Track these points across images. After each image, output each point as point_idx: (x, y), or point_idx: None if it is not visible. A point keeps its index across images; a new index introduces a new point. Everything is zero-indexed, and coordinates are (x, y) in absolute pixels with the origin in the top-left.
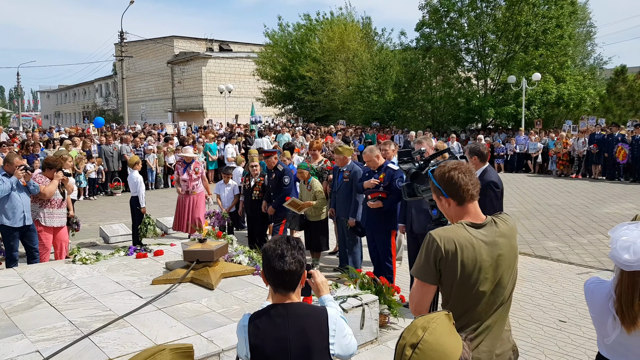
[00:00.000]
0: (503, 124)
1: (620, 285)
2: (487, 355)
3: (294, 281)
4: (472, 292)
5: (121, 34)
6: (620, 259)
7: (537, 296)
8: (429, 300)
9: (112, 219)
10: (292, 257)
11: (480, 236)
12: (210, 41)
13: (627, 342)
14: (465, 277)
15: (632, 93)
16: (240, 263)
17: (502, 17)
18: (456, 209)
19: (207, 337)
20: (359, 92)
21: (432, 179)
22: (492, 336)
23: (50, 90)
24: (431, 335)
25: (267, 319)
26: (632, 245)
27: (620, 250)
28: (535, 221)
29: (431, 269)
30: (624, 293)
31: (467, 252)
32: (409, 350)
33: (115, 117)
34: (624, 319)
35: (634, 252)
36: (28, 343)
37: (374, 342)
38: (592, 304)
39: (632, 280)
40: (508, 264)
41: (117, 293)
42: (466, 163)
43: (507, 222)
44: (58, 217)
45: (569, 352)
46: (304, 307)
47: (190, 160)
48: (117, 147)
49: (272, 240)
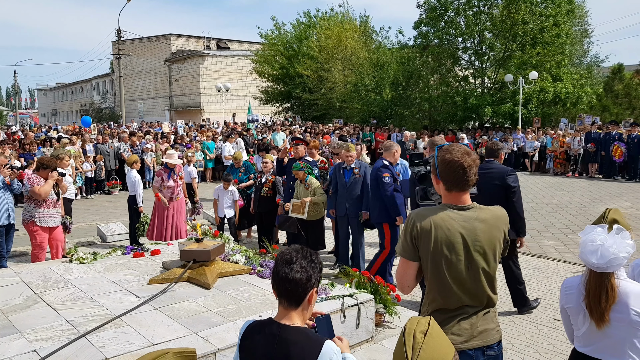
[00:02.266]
0: (500, 122)
1: (589, 283)
2: (468, 332)
3: (298, 293)
4: (446, 271)
5: (118, 32)
6: (588, 262)
7: (532, 295)
8: (411, 275)
9: (110, 218)
10: (300, 266)
11: (458, 218)
12: (207, 39)
13: (597, 335)
14: (437, 255)
15: (628, 91)
16: (237, 262)
17: (500, 16)
18: (444, 192)
19: (203, 336)
20: (356, 91)
21: (435, 153)
22: (475, 317)
23: (48, 89)
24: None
25: (260, 332)
26: (599, 248)
27: (588, 255)
28: (532, 220)
29: (409, 246)
30: (592, 290)
31: (441, 231)
32: (420, 335)
33: (113, 115)
34: (592, 314)
35: (601, 255)
36: (25, 343)
37: (370, 341)
38: (569, 295)
39: (599, 279)
40: (483, 249)
41: (114, 292)
42: (474, 155)
43: (493, 211)
44: (53, 216)
45: (563, 350)
46: (299, 333)
47: (173, 166)
48: (114, 146)
49: (287, 248)
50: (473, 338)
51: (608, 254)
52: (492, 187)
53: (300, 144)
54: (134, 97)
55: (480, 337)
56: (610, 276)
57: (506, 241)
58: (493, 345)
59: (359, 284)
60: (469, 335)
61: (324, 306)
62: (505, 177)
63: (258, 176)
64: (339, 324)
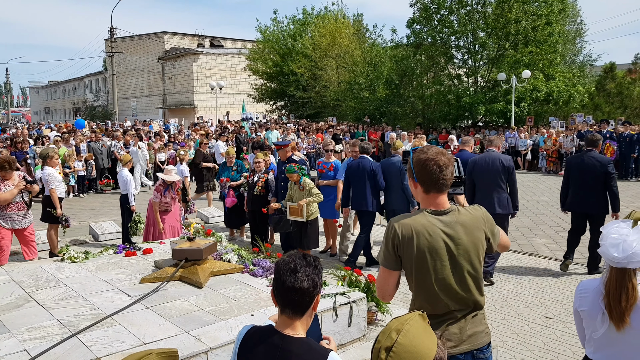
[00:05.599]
0: (493, 121)
1: (609, 281)
2: (457, 337)
3: (304, 302)
4: (431, 278)
5: (111, 30)
6: (609, 256)
7: (523, 293)
8: (392, 284)
9: (102, 217)
10: (306, 275)
11: (439, 224)
12: (201, 37)
13: (616, 339)
14: (421, 263)
15: (620, 90)
16: (230, 261)
17: (492, 15)
18: (422, 195)
19: (195, 335)
20: (350, 89)
21: (410, 157)
22: (463, 321)
23: (40, 86)
24: (405, 338)
25: (260, 342)
26: (621, 242)
27: (609, 247)
28: (524, 218)
29: (391, 255)
30: (612, 289)
31: (422, 238)
32: (383, 353)
33: (106, 113)
34: (612, 315)
35: (622, 249)
36: (16, 342)
37: (362, 339)
38: (583, 298)
39: (620, 276)
40: (467, 252)
41: (106, 291)
42: (448, 155)
43: (472, 212)
44: (17, 219)
45: (554, 348)
46: (303, 345)
47: (171, 182)
48: (106, 145)
49: (287, 254)
50: (463, 342)
51: (630, 248)
52: (594, 173)
53: (280, 148)
54: (127, 95)
55: (470, 340)
56: (632, 274)
57: (488, 240)
58: (483, 348)
59: (351, 282)
60: (459, 339)
61: None
62: (607, 165)
63: (250, 175)
64: (331, 322)
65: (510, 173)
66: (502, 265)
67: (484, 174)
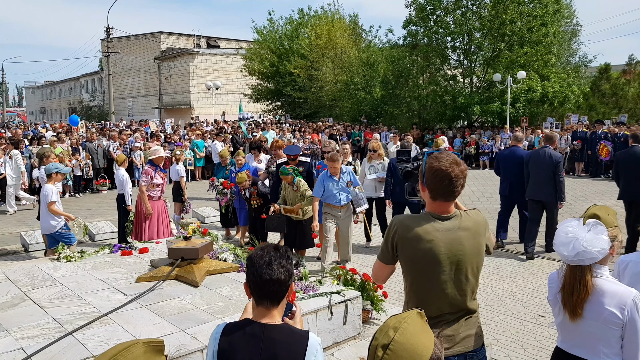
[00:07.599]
0: (489, 121)
1: (565, 275)
2: (451, 339)
3: (281, 292)
4: (431, 282)
5: (107, 30)
6: (560, 253)
7: (517, 291)
8: (385, 275)
9: (98, 217)
10: (281, 266)
11: (442, 228)
12: (197, 37)
13: (572, 328)
14: (421, 266)
15: (615, 91)
16: (225, 260)
17: (488, 16)
18: (429, 200)
19: (190, 333)
20: (346, 89)
21: (424, 160)
22: (456, 324)
23: (36, 86)
24: (402, 336)
25: (240, 336)
26: (572, 241)
27: (560, 246)
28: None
29: (388, 252)
30: (566, 283)
31: (424, 242)
32: (380, 351)
33: (102, 113)
34: (566, 306)
35: (572, 248)
36: (12, 340)
37: (357, 338)
38: (550, 288)
39: (572, 272)
40: (469, 257)
41: (102, 290)
42: (463, 165)
43: (474, 218)
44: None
45: (547, 346)
46: (284, 331)
47: (160, 162)
48: (102, 144)
49: (258, 248)
50: (456, 344)
51: (579, 246)
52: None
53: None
54: (123, 95)
55: (463, 343)
56: (586, 271)
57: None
58: (476, 350)
59: (347, 281)
60: (452, 342)
61: (311, 303)
62: None
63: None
64: (326, 320)
65: (557, 167)
66: (496, 264)
67: (539, 167)
